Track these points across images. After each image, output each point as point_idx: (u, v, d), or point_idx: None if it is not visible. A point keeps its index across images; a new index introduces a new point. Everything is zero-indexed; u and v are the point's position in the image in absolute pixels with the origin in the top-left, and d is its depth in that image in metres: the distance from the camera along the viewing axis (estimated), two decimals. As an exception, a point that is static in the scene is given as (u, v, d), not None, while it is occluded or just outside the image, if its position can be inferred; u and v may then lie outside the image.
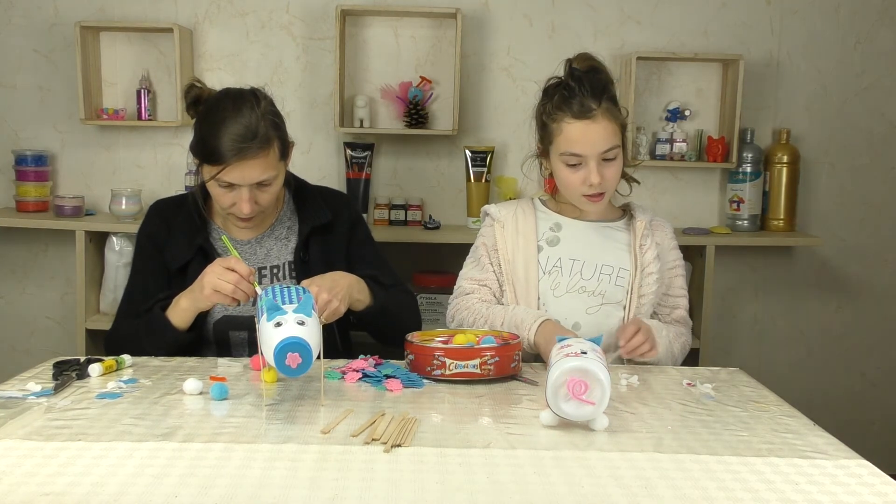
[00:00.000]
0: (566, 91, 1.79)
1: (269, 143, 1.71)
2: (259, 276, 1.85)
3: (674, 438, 1.28)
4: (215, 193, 1.77)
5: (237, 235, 1.87)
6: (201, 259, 1.80)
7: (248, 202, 1.73)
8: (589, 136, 1.76)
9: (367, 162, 2.85)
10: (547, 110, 1.83)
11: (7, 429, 1.25)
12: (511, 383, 1.55)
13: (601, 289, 1.84)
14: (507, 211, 1.94)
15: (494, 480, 1.10)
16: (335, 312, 1.64)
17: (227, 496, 1.03)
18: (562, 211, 1.92)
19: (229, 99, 1.75)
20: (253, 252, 1.88)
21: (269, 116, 1.74)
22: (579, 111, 1.76)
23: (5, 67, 2.91)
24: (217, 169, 1.70)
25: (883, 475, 1.15)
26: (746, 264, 3.04)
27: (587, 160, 1.77)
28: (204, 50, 2.90)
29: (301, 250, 1.87)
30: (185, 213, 1.86)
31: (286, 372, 1.30)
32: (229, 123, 1.69)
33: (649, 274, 1.86)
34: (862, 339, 3.10)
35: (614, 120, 1.78)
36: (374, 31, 2.91)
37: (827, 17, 2.95)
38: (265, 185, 1.74)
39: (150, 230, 1.89)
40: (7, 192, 2.94)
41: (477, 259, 1.93)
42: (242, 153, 1.68)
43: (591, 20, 2.92)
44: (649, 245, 1.87)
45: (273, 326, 1.32)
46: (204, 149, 1.72)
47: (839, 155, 3.02)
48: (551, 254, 1.87)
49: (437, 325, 2.75)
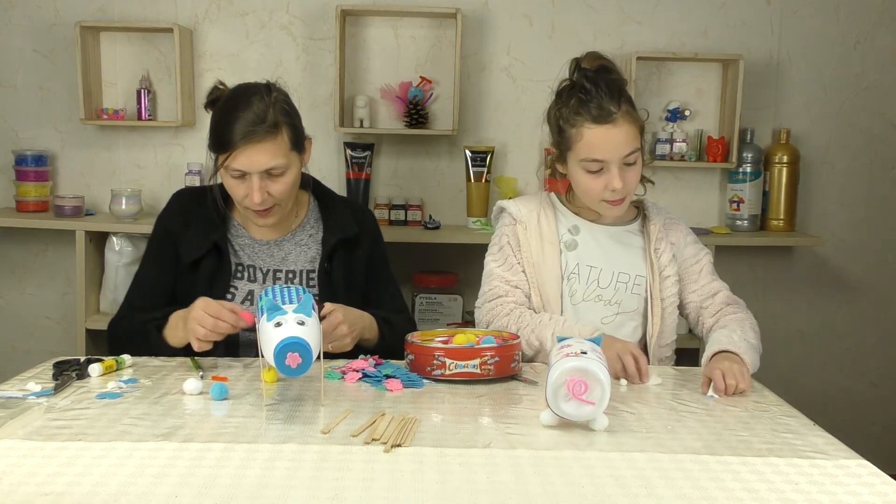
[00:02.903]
0: (583, 94, 1.72)
1: (277, 127, 1.71)
2: (273, 279, 1.85)
3: (674, 438, 1.27)
4: (229, 185, 1.76)
5: (256, 235, 1.87)
6: (215, 255, 1.82)
7: (258, 191, 1.71)
8: (610, 142, 1.70)
9: (367, 162, 2.85)
10: (563, 115, 1.75)
11: (7, 429, 1.25)
12: (511, 383, 1.55)
13: (617, 298, 1.82)
14: (526, 209, 1.87)
15: (494, 480, 1.10)
16: (342, 347, 1.65)
17: (227, 496, 1.03)
18: (580, 212, 1.87)
19: (241, 90, 1.78)
20: (271, 254, 1.87)
21: (279, 104, 1.74)
22: (599, 116, 1.70)
23: (5, 67, 2.91)
24: (226, 156, 1.71)
25: (883, 475, 1.15)
26: (746, 264, 3.03)
27: (609, 166, 1.71)
28: (204, 50, 2.90)
29: (326, 260, 1.86)
30: (206, 207, 1.85)
31: (286, 372, 1.30)
32: (239, 111, 1.70)
33: (666, 277, 1.83)
34: (862, 339, 3.10)
35: (634, 123, 1.73)
36: (374, 31, 2.91)
37: (827, 17, 2.95)
38: (276, 174, 1.73)
39: (168, 221, 1.88)
40: (7, 192, 2.94)
41: (504, 259, 1.86)
42: (249, 136, 1.68)
43: (591, 20, 2.92)
44: (664, 248, 1.84)
45: (273, 326, 1.32)
46: (215, 137, 1.74)
47: (839, 155, 3.02)
48: (569, 258, 1.83)
49: (437, 325, 2.75)
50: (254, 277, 1.85)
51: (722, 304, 1.84)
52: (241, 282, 1.84)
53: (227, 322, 1.55)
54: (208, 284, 1.81)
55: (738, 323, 1.75)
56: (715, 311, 1.83)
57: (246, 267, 1.85)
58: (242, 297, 1.83)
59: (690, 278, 1.87)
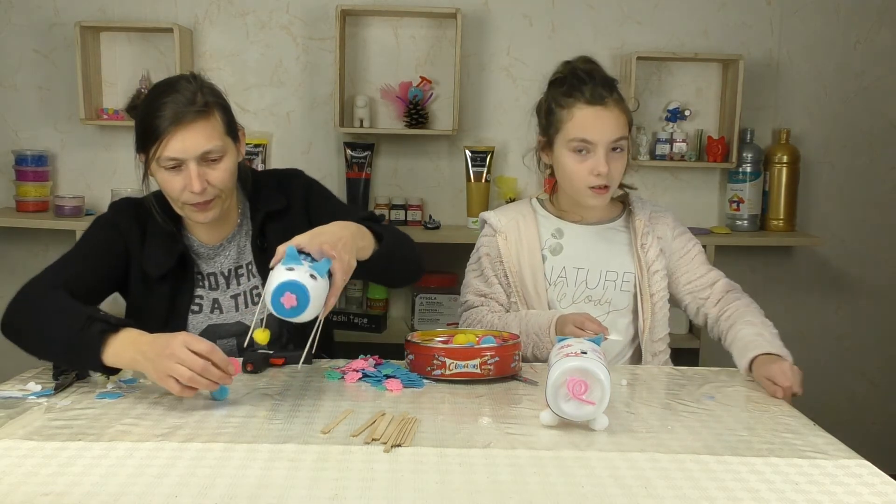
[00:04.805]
0: (576, 80, 1.77)
1: (208, 108, 1.60)
2: (235, 277, 1.76)
3: (674, 438, 1.27)
4: (164, 181, 1.62)
5: (200, 237, 1.75)
6: (178, 267, 1.71)
7: (197, 178, 1.58)
8: (600, 122, 1.74)
9: (367, 162, 2.85)
10: (555, 98, 1.79)
11: (7, 429, 1.25)
12: (511, 383, 1.55)
13: (607, 297, 1.83)
14: (506, 219, 1.89)
15: (494, 480, 1.10)
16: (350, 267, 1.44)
17: (227, 496, 1.03)
18: (562, 215, 1.89)
19: (164, 81, 1.68)
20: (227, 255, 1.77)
21: (207, 88, 1.65)
22: (592, 97, 1.74)
23: (5, 67, 2.91)
24: (157, 145, 1.58)
25: (883, 475, 1.15)
26: (746, 264, 3.03)
27: (596, 148, 1.73)
28: (204, 50, 2.90)
29: (258, 238, 1.75)
30: (154, 217, 1.72)
31: (278, 311, 1.31)
32: (166, 97, 1.59)
33: (655, 272, 1.83)
34: (862, 339, 3.10)
35: (624, 112, 1.77)
36: (374, 31, 2.91)
37: (827, 17, 2.95)
38: (213, 159, 1.61)
39: (125, 227, 1.71)
40: (7, 192, 2.94)
41: (481, 271, 1.89)
42: (180, 119, 1.56)
43: (591, 20, 2.92)
44: (651, 242, 1.85)
45: (285, 270, 1.33)
46: (142, 131, 1.61)
47: (839, 155, 3.02)
48: (555, 263, 1.84)
49: (436, 325, 2.75)
50: (215, 285, 1.75)
51: (722, 291, 1.84)
52: (203, 290, 1.74)
53: (218, 368, 1.35)
54: (171, 298, 1.71)
55: (750, 314, 1.75)
56: (717, 300, 1.84)
57: (206, 275, 1.75)
58: (210, 307, 1.74)
59: (682, 269, 1.87)
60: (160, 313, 1.70)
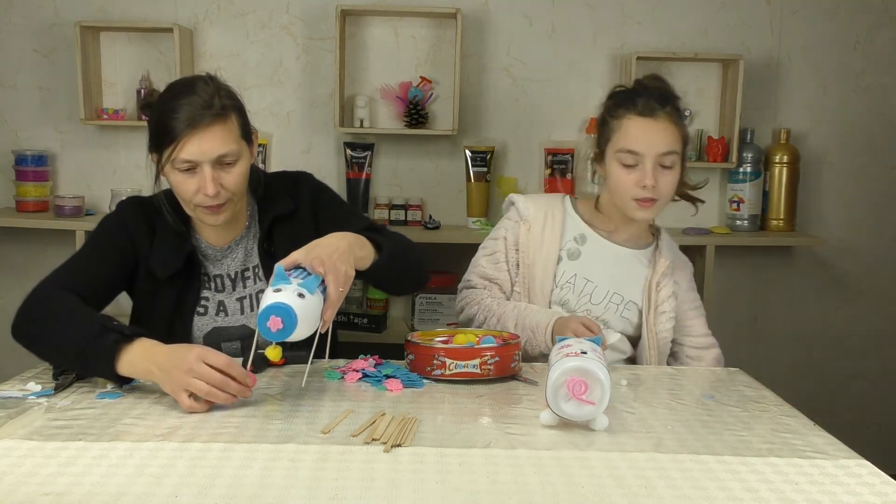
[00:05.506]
0: (631, 92, 1.78)
1: (225, 112, 1.59)
2: (242, 279, 1.76)
3: (674, 438, 1.27)
4: (177, 182, 1.61)
5: (208, 239, 1.74)
6: (186, 268, 1.70)
7: (212, 182, 1.57)
8: (649, 135, 1.72)
9: (367, 162, 2.85)
10: (610, 109, 1.79)
11: (7, 429, 1.25)
12: (511, 383, 1.55)
13: (605, 317, 1.82)
14: (535, 207, 1.87)
15: (494, 480, 1.10)
16: (347, 277, 1.43)
17: (227, 496, 1.03)
18: (592, 222, 1.87)
19: (181, 81, 1.68)
20: (234, 257, 1.77)
21: (224, 90, 1.64)
22: (643, 109, 1.73)
23: (5, 67, 2.91)
24: (172, 147, 1.56)
25: (883, 475, 1.15)
26: (746, 264, 3.03)
27: (644, 160, 1.72)
28: (204, 50, 2.90)
29: (265, 241, 1.74)
30: (163, 217, 1.71)
31: (266, 334, 1.30)
32: (182, 99, 1.58)
33: (662, 312, 1.83)
34: (862, 339, 3.10)
35: (677, 127, 1.75)
36: (374, 31, 2.91)
37: (827, 17, 2.95)
38: (227, 163, 1.60)
39: (134, 227, 1.70)
40: (7, 192, 2.94)
41: (493, 253, 1.88)
42: (197, 122, 1.55)
43: (591, 20, 2.92)
44: (665, 283, 1.84)
45: (272, 291, 1.33)
46: (157, 131, 1.60)
47: (839, 155, 3.02)
48: (568, 268, 1.83)
49: (436, 325, 2.75)
50: (221, 287, 1.74)
51: (712, 361, 1.88)
52: (209, 292, 1.73)
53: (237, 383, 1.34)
54: (177, 299, 1.70)
55: None
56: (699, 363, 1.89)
57: (212, 277, 1.74)
58: (216, 309, 1.73)
59: (686, 322, 1.89)
60: (165, 314, 1.69)
